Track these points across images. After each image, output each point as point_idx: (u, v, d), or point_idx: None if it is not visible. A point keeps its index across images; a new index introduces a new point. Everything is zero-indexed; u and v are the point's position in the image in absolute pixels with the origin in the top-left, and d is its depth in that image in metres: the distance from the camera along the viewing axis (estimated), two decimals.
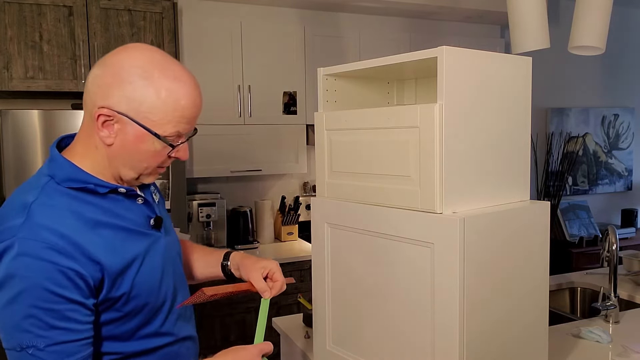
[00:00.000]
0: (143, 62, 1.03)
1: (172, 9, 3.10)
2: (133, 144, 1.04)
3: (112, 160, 1.07)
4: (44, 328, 0.95)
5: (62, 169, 1.05)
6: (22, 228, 0.97)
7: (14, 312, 0.95)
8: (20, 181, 2.67)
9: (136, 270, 1.08)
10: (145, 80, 1.02)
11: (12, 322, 0.96)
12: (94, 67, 1.06)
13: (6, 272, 0.95)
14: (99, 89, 1.02)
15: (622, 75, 5.05)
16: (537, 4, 2.41)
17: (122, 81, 1.01)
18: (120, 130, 1.04)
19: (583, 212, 4.55)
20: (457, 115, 1.25)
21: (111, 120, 1.02)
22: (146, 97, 1.02)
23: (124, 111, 1.02)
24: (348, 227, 1.47)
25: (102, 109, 1.02)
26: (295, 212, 3.73)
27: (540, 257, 1.42)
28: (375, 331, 1.43)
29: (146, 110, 1.02)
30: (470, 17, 4.17)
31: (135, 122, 1.02)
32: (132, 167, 1.08)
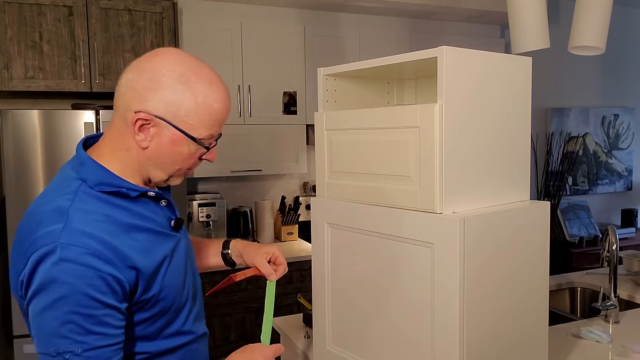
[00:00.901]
0: (179, 67, 1.04)
1: (172, 9, 3.10)
2: (168, 147, 1.06)
3: (144, 163, 1.08)
4: (82, 333, 0.95)
5: (94, 173, 1.05)
6: (63, 234, 0.96)
7: (53, 317, 0.95)
8: (20, 181, 2.68)
9: (164, 271, 1.09)
10: (183, 85, 1.03)
11: (50, 328, 0.95)
12: (127, 71, 1.06)
13: (47, 277, 0.95)
14: (135, 93, 1.03)
15: (622, 75, 5.05)
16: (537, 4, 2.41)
17: (159, 85, 1.03)
18: (156, 134, 1.05)
19: (583, 212, 4.55)
20: (457, 115, 1.25)
21: (148, 124, 1.04)
22: (184, 102, 1.03)
23: (161, 115, 1.03)
24: (348, 227, 1.47)
25: (140, 113, 1.03)
26: (295, 212, 3.73)
27: (540, 257, 1.42)
28: (375, 331, 1.43)
29: (183, 114, 1.04)
30: (470, 17, 4.17)
31: (172, 125, 1.04)
32: (164, 169, 1.10)
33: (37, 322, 0.97)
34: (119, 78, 1.08)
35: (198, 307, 1.24)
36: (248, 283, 3.17)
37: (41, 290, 0.95)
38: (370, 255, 1.42)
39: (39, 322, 0.97)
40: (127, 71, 1.06)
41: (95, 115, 2.81)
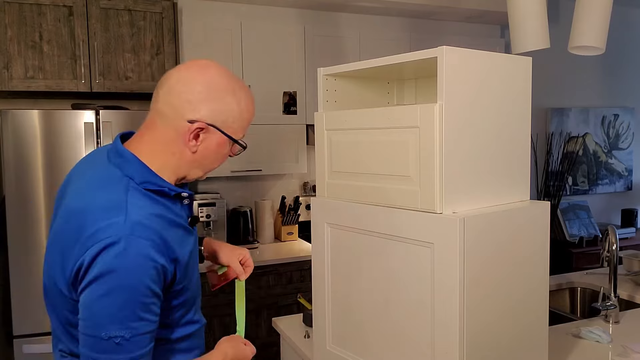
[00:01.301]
0: (226, 79, 1.16)
1: (172, 9, 3.10)
2: (215, 149, 1.17)
3: (187, 164, 1.18)
4: (134, 320, 1.02)
5: (140, 172, 1.12)
6: (126, 226, 1.03)
7: (110, 304, 1.00)
8: (20, 181, 2.67)
9: (191, 264, 1.19)
10: (230, 95, 1.15)
11: (106, 313, 1.01)
12: (175, 83, 1.13)
13: (110, 266, 1.00)
14: (188, 104, 1.12)
15: (622, 75, 5.05)
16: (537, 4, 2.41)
17: (212, 96, 1.13)
18: (205, 139, 1.15)
19: (583, 212, 4.55)
20: (457, 115, 1.25)
21: (201, 131, 1.13)
22: (231, 110, 1.15)
23: (212, 122, 1.14)
24: (348, 227, 1.47)
25: (197, 123, 1.12)
26: (295, 212, 3.73)
27: (540, 257, 1.42)
28: (375, 331, 1.43)
29: (231, 120, 1.16)
30: (470, 17, 4.17)
31: (221, 131, 1.15)
32: (204, 168, 1.21)
33: (92, 307, 1.02)
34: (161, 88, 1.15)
35: (199, 298, 1.33)
36: (248, 283, 3.16)
37: (101, 277, 1.00)
38: (371, 256, 1.42)
39: (94, 307, 1.02)
40: (176, 83, 1.13)
41: (95, 115, 2.81)
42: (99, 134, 2.81)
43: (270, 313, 3.24)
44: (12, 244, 2.69)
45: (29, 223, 2.71)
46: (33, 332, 2.70)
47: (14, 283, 2.69)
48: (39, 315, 2.72)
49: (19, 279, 2.69)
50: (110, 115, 2.83)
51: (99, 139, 2.81)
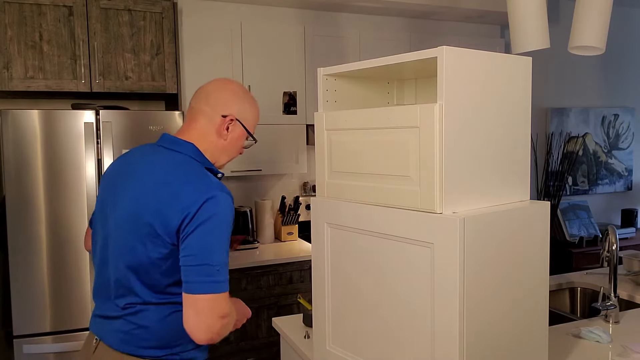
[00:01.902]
0: (243, 89, 1.60)
1: (172, 9, 3.10)
2: (237, 140, 1.56)
3: (220, 151, 1.54)
4: (227, 251, 1.37)
5: (200, 156, 1.50)
6: (216, 185, 1.39)
7: (217, 238, 1.34)
8: (20, 181, 2.68)
9: None
10: (249, 99, 1.59)
11: (212, 245, 1.34)
12: (212, 90, 1.54)
13: (213, 211, 1.34)
14: (222, 104, 1.52)
15: (622, 75, 5.05)
16: (537, 4, 2.41)
17: (238, 99, 1.55)
18: (232, 131, 1.54)
19: (583, 212, 4.55)
20: (457, 115, 1.25)
21: (231, 123, 1.53)
22: (249, 109, 1.58)
23: (238, 118, 1.54)
24: (348, 227, 1.47)
25: (230, 116, 1.52)
26: (295, 212, 3.73)
27: (540, 257, 1.42)
28: (375, 331, 1.43)
29: (249, 117, 1.58)
30: (470, 17, 4.17)
31: (242, 125, 1.55)
32: (230, 155, 1.58)
33: (202, 242, 1.33)
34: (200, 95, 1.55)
35: None
36: (248, 283, 3.17)
37: (208, 220, 1.33)
38: (370, 255, 1.42)
39: (205, 241, 1.33)
40: (208, 91, 1.54)
41: (95, 115, 2.81)
42: (99, 134, 2.81)
43: (270, 313, 3.24)
44: (12, 244, 2.69)
45: (29, 223, 2.71)
46: (33, 332, 2.70)
47: (14, 283, 2.69)
48: (39, 315, 2.72)
49: (19, 279, 2.69)
50: (110, 115, 2.83)
51: (99, 139, 2.81)
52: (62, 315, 2.75)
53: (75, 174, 2.76)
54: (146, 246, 1.37)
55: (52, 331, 2.73)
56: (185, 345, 1.47)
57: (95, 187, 2.78)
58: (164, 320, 1.43)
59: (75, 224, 2.77)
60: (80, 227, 2.77)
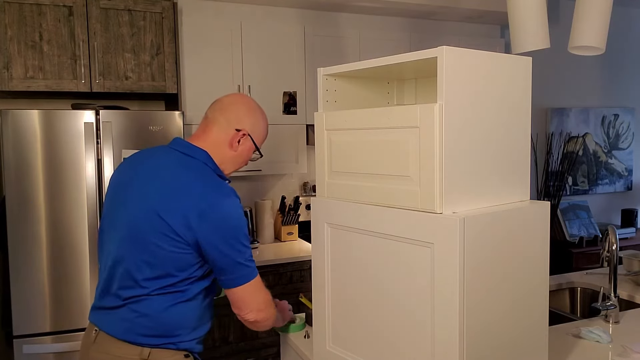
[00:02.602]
0: (256, 105, 1.69)
1: (172, 9, 3.10)
2: (246, 152, 1.66)
3: (228, 160, 1.64)
4: (248, 247, 1.51)
5: (212, 163, 1.59)
6: (232, 191, 1.52)
7: (240, 233, 1.49)
8: (20, 181, 2.68)
9: None
10: (261, 115, 1.68)
11: (240, 239, 1.49)
12: (227, 104, 1.64)
13: (229, 210, 1.47)
14: (236, 118, 1.62)
15: (622, 75, 5.05)
16: (537, 4, 2.41)
17: (252, 115, 1.65)
18: (242, 144, 1.64)
19: (583, 212, 4.55)
20: (457, 115, 1.25)
21: (243, 137, 1.63)
22: (260, 125, 1.68)
23: (249, 132, 1.64)
24: (348, 227, 1.47)
25: (243, 130, 1.62)
26: (295, 212, 3.73)
27: (540, 257, 1.42)
28: (375, 331, 1.43)
29: (259, 133, 1.68)
30: (470, 17, 4.17)
31: (252, 140, 1.65)
32: (237, 165, 1.67)
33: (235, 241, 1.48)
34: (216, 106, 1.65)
35: None
36: None
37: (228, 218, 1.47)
38: (370, 255, 1.42)
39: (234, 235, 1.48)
40: (225, 103, 1.64)
41: (95, 115, 2.81)
42: (99, 134, 2.81)
43: None
44: (12, 244, 2.69)
45: (29, 223, 2.71)
46: (33, 332, 2.70)
47: (14, 283, 2.69)
48: (39, 315, 2.72)
49: (19, 279, 2.69)
50: (110, 115, 2.83)
51: (99, 139, 2.81)
52: (62, 315, 2.75)
53: (75, 174, 2.76)
54: (164, 242, 1.45)
55: (52, 331, 2.73)
56: (183, 335, 1.54)
57: (95, 187, 2.78)
58: (167, 310, 1.49)
59: (75, 224, 2.77)
60: (80, 227, 2.77)
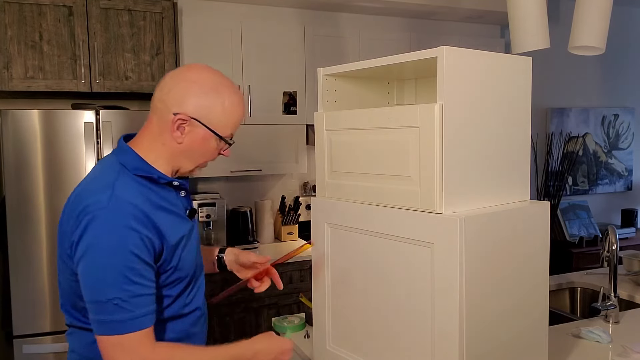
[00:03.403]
0: (212, 79, 1.28)
1: (172, 9, 3.10)
2: (200, 143, 1.28)
3: (178, 156, 1.30)
4: (127, 283, 1.15)
5: (132, 159, 1.27)
6: (111, 200, 1.17)
7: (106, 269, 1.14)
8: (20, 181, 2.68)
9: (182, 248, 1.30)
10: (215, 92, 1.27)
11: (103, 278, 1.15)
12: (167, 80, 1.28)
13: (96, 237, 1.15)
14: (174, 99, 1.25)
15: (622, 75, 5.05)
16: (537, 4, 2.41)
17: (196, 93, 1.25)
18: (190, 132, 1.27)
19: (583, 212, 4.55)
20: (457, 115, 1.25)
21: (185, 123, 1.25)
22: (214, 106, 1.27)
23: (196, 116, 1.25)
24: (348, 227, 1.47)
25: (179, 115, 1.24)
26: (295, 212, 3.73)
27: (540, 257, 1.42)
28: (375, 331, 1.43)
29: (213, 116, 1.27)
30: (470, 17, 4.16)
31: (204, 125, 1.26)
32: (194, 161, 1.33)
33: (89, 275, 1.16)
34: (157, 87, 1.29)
35: (203, 285, 1.44)
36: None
37: (91, 248, 1.15)
38: (370, 255, 1.41)
39: (91, 274, 1.16)
40: (168, 80, 1.28)
41: (95, 115, 2.81)
42: (99, 134, 2.81)
43: (271, 313, 3.24)
44: (12, 244, 2.69)
45: (29, 223, 2.71)
46: (33, 332, 2.70)
47: (14, 283, 2.69)
48: (39, 315, 2.72)
49: (19, 279, 2.69)
50: (110, 115, 2.83)
51: (99, 139, 2.81)
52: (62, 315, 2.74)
53: (75, 174, 2.76)
54: (65, 266, 1.25)
55: (52, 331, 2.73)
56: None
57: None
58: (89, 346, 1.27)
59: None
60: None
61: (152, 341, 1.20)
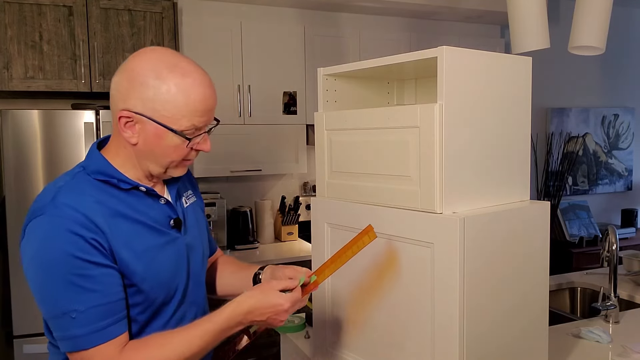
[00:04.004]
0: (152, 64, 1.09)
1: (172, 9, 3.10)
2: (154, 141, 1.11)
3: (140, 158, 1.14)
4: (81, 292, 1.02)
5: (94, 162, 1.15)
6: (49, 205, 1.05)
7: (52, 281, 1.02)
8: (20, 181, 2.68)
9: (146, 263, 1.12)
10: (156, 80, 1.07)
11: (51, 291, 1.02)
12: (115, 74, 1.13)
13: (37, 246, 1.03)
14: (119, 94, 1.10)
15: (622, 75, 5.05)
16: (537, 4, 2.41)
17: (136, 84, 1.08)
18: (141, 130, 1.10)
19: (583, 212, 4.55)
20: (457, 115, 1.25)
21: (131, 121, 1.10)
22: (158, 96, 1.07)
23: (141, 111, 1.08)
24: (348, 227, 1.47)
25: (122, 112, 1.09)
26: (295, 212, 3.73)
27: (540, 257, 1.42)
28: (375, 331, 1.43)
29: (160, 107, 1.08)
30: (470, 17, 4.17)
31: (152, 120, 1.09)
32: (158, 162, 1.15)
33: (37, 288, 1.05)
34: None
35: (184, 310, 1.24)
36: None
37: (34, 257, 1.03)
38: (371, 256, 1.41)
39: (40, 288, 1.04)
40: (116, 73, 1.13)
41: (95, 115, 2.81)
42: (99, 134, 2.81)
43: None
44: (12, 244, 2.69)
45: None
46: (33, 332, 2.70)
47: (14, 283, 2.69)
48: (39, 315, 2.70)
49: (19, 279, 2.69)
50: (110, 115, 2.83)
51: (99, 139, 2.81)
52: None
53: None
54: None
55: None
56: None
57: None
58: None
59: None
60: None
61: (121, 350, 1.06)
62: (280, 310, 1.13)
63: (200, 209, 1.38)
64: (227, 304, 1.13)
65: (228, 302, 1.14)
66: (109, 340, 1.04)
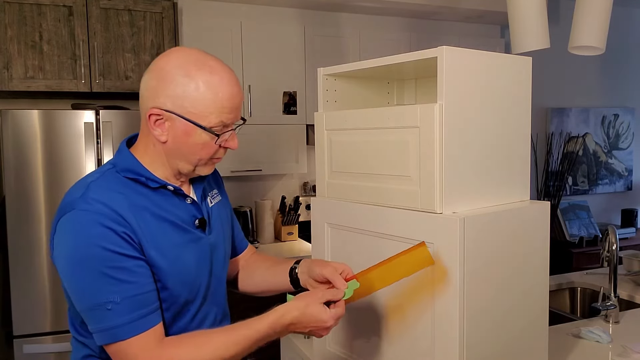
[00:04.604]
0: (181, 62, 1.11)
1: (172, 9, 3.10)
2: (183, 138, 1.13)
3: (169, 156, 1.17)
4: (116, 284, 1.04)
5: (124, 160, 1.17)
6: (79, 201, 1.08)
7: (86, 274, 1.04)
8: (20, 181, 2.68)
9: (171, 260, 1.15)
10: (185, 78, 1.10)
11: (86, 284, 1.04)
12: (145, 73, 1.16)
13: (71, 241, 1.05)
14: (148, 92, 1.13)
15: (622, 75, 5.05)
16: (537, 4, 2.41)
17: (165, 82, 1.11)
18: (171, 127, 1.13)
19: (583, 212, 4.55)
20: (457, 115, 1.25)
21: (161, 118, 1.12)
22: (187, 93, 1.10)
23: (170, 109, 1.11)
24: (348, 227, 1.47)
25: (153, 109, 1.12)
26: (295, 212, 3.73)
27: (540, 257, 1.42)
28: (375, 331, 1.43)
29: (189, 105, 1.10)
30: (470, 17, 4.17)
31: (181, 117, 1.11)
32: (187, 160, 1.17)
33: (71, 281, 1.07)
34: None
35: (206, 310, 1.26)
36: None
37: (67, 252, 1.06)
38: (371, 256, 1.41)
39: (73, 281, 1.06)
40: (145, 73, 1.16)
41: (95, 115, 2.81)
42: (99, 134, 2.81)
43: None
44: (12, 244, 2.69)
45: (29, 223, 2.71)
46: (33, 332, 2.70)
47: (14, 283, 2.69)
48: (39, 315, 2.72)
49: (19, 279, 2.69)
50: (110, 115, 2.83)
51: (99, 139, 2.81)
52: (62, 315, 2.75)
53: (75, 174, 2.76)
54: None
55: (52, 331, 2.73)
56: None
57: None
58: None
59: None
60: None
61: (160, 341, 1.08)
62: (323, 327, 1.14)
63: (225, 208, 1.41)
64: (269, 312, 1.14)
65: (271, 310, 1.14)
66: (145, 330, 1.06)
